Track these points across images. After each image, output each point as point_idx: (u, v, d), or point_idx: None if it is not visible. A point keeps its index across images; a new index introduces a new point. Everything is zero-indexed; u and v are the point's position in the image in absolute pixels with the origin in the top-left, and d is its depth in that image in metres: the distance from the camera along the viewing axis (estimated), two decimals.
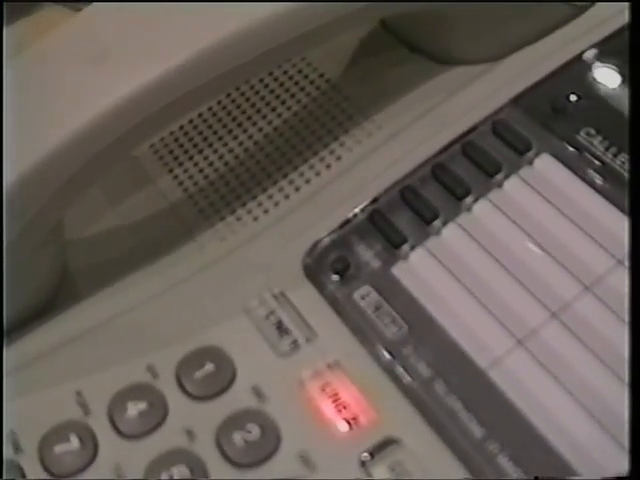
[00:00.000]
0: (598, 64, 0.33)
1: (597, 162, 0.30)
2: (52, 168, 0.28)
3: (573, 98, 0.32)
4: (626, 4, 0.34)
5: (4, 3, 0.42)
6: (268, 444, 0.27)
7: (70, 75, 0.29)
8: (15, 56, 0.31)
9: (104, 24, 0.31)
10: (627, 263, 0.28)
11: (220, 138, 0.37)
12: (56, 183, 0.29)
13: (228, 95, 0.38)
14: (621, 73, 0.32)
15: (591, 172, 0.30)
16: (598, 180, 0.30)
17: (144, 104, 0.29)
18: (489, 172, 0.31)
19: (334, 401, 0.28)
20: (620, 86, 0.32)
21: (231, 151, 0.36)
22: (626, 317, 0.27)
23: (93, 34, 0.30)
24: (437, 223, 0.31)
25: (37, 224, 0.29)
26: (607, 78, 0.33)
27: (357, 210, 0.32)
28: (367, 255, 0.31)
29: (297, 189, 0.34)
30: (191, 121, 0.37)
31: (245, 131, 0.37)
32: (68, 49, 0.30)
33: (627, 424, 0.25)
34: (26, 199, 0.29)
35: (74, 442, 0.28)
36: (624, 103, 0.32)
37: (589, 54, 0.33)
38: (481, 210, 0.31)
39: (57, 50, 0.30)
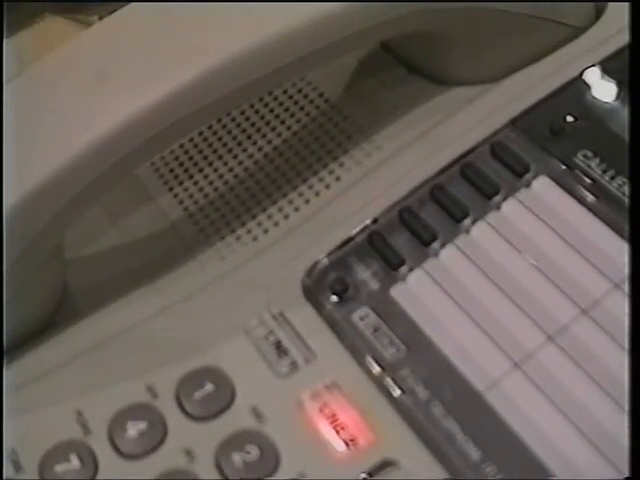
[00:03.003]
0: (599, 83, 0.33)
1: (594, 185, 0.31)
2: (52, 191, 0.29)
3: (570, 120, 0.32)
4: (625, 25, 0.34)
5: (4, 6, 0.42)
6: (267, 464, 0.28)
7: (70, 97, 0.29)
8: (15, 76, 0.31)
9: (104, 45, 0.31)
10: (624, 287, 0.28)
11: (220, 157, 0.37)
12: (56, 205, 0.29)
13: (228, 114, 0.38)
14: (623, 91, 0.33)
15: (588, 195, 0.30)
16: (595, 203, 0.30)
17: (144, 126, 0.29)
18: (487, 194, 0.31)
19: (332, 422, 0.28)
20: (620, 106, 0.32)
21: (231, 170, 0.36)
22: (622, 340, 0.27)
23: (93, 55, 0.30)
24: (435, 245, 0.31)
25: (37, 245, 0.30)
26: (608, 96, 0.33)
27: (356, 231, 0.32)
28: (366, 276, 0.31)
29: (296, 209, 0.34)
30: (191, 140, 0.38)
31: (245, 150, 0.37)
32: (68, 70, 0.30)
33: (626, 438, 0.26)
34: (26, 221, 0.29)
35: (74, 462, 0.28)
36: (622, 125, 0.32)
37: (590, 73, 0.34)
38: (479, 232, 0.31)
39: (57, 71, 0.31)
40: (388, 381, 0.28)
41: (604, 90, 0.33)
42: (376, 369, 0.29)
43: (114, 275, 0.34)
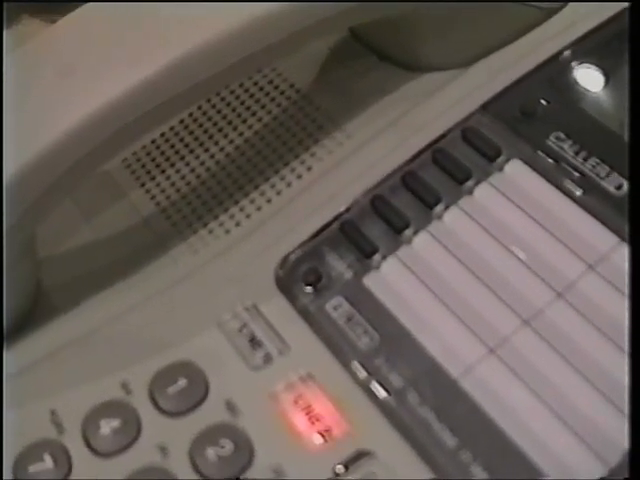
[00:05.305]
0: (571, 65, 0.33)
1: (567, 166, 0.30)
2: (19, 188, 0.28)
3: (542, 102, 0.32)
4: (595, 6, 0.34)
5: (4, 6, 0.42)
6: (241, 458, 0.27)
7: (36, 90, 0.29)
8: None
9: (72, 38, 0.30)
10: (598, 269, 0.28)
11: (191, 151, 0.37)
12: (24, 203, 0.29)
13: (199, 107, 0.38)
14: (603, 73, 0.33)
15: (561, 177, 0.30)
16: (569, 185, 0.30)
17: (110, 119, 0.29)
18: (459, 179, 0.31)
19: (307, 413, 0.28)
20: (596, 86, 0.32)
21: (202, 164, 0.36)
22: (597, 322, 0.27)
23: (60, 48, 0.30)
24: (408, 232, 0.31)
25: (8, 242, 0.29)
26: (580, 78, 0.33)
27: (328, 220, 0.32)
28: (339, 266, 0.30)
29: (268, 201, 0.34)
30: (163, 134, 0.37)
31: (216, 143, 0.37)
32: (35, 64, 0.30)
33: (600, 419, 0.26)
34: None
35: (48, 461, 0.28)
36: (594, 106, 0.32)
37: (564, 55, 0.33)
38: (452, 218, 0.31)
39: (24, 65, 0.30)
40: (362, 371, 0.28)
41: (576, 72, 0.33)
42: (350, 359, 0.28)
43: (88, 272, 0.34)
